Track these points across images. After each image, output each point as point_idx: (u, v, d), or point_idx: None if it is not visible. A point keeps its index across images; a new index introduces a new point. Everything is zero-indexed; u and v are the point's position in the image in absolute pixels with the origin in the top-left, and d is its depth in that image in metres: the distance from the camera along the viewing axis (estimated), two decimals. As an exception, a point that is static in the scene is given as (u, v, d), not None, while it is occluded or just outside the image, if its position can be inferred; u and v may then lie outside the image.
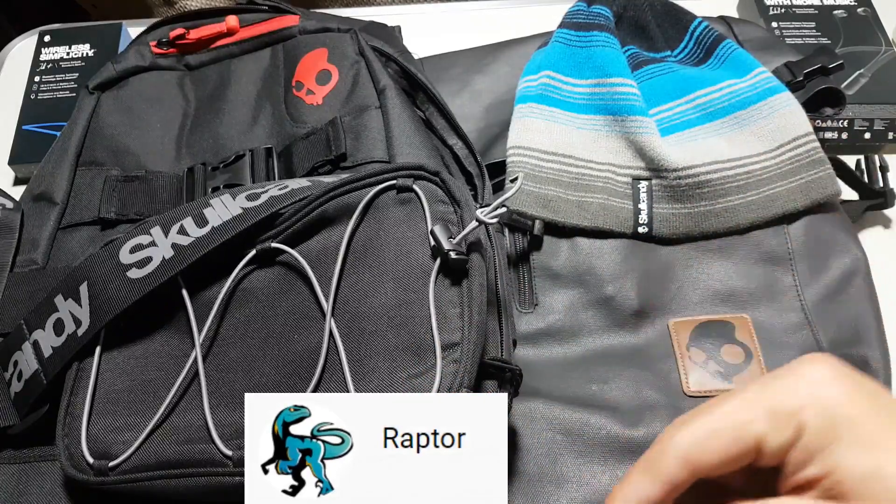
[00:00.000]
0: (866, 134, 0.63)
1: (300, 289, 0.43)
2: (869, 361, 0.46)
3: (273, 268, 0.44)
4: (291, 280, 0.43)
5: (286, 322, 0.42)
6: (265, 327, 0.43)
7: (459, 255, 0.38)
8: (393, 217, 0.42)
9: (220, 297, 0.43)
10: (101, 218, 0.53)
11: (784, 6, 0.70)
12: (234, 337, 0.43)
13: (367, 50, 0.57)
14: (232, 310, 0.44)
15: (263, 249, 0.44)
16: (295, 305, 0.42)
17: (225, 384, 0.42)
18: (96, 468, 0.40)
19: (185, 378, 0.42)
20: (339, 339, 0.39)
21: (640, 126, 0.53)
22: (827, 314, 0.49)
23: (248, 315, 0.43)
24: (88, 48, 0.72)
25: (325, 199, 0.43)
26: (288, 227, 0.44)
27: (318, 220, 0.43)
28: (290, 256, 0.43)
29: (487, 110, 0.61)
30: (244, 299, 0.44)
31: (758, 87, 0.54)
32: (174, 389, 0.42)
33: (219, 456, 0.39)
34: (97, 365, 0.43)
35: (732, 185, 0.51)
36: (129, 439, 0.41)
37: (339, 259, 0.41)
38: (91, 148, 0.58)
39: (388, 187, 0.42)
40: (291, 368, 0.40)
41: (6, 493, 0.43)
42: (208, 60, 0.62)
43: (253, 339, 0.42)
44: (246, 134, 0.57)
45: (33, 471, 0.44)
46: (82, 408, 0.42)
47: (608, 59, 0.56)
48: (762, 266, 0.51)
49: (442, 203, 0.41)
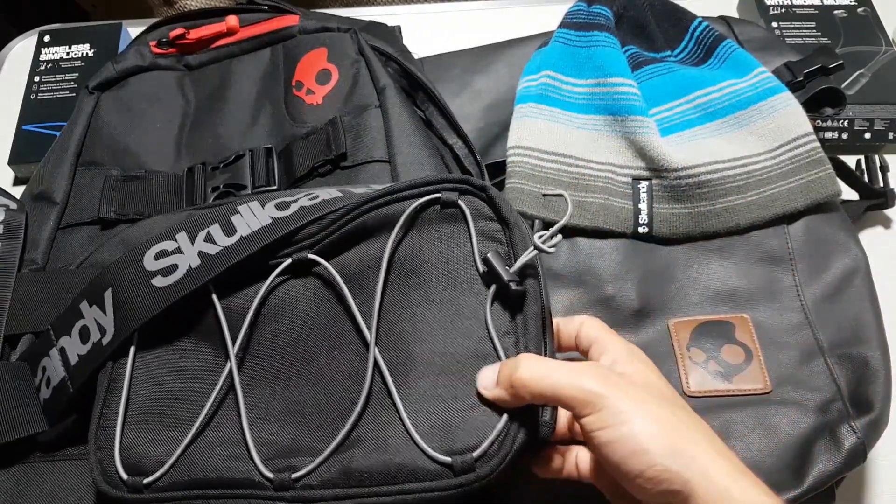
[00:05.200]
0: (866, 134, 0.63)
1: (335, 304, 0.41)
2: (869, 361, 0.46)
3: (307, 279, 0.42)
4: (327, 293, 0.41)
5: (322, 337, 0.40)
6: (300, 342, 0.41)
7: (519, 287, 0.36)
8: (437, 234, 0.40)
9: (253, 308, 0.41)
10: (101, 218, 0.53)
11: (784, 6, 0.70)
12: (266, 350, 0.41)
13: (366, 49, 0.57)
14: (264, 321, 0.42)
15: (298, 260, 0.41)
16: (331, 320, 0.40)
17: (260, 400, 0.40)
18: (130, 485, 0.38)
19: (220, 391, 0.40)
20: (384, 365, 0.37)
21: (641, 126, 0.53)
22: (827, 314, 0.49)
23: (282, 328, 0.41)
24: (88, 48, 0.72)
25: (364, 209, 0.41)
26: (324, 236, 0.42)
27: (357, 231, 0.41)
28: (324, 269, 0.41)
29: (487, 110, 0.61)
30: (277, 311, 0.42)
31: (758, 87, 0.54)
32: (209, 402, 0.40)
33: (258, 477, 0.37)
34: (129, 376, 0.41)
35: (733, 185, 0.51)
36: (162, 454, 0.39)
37: (381, 277, 0.39)
38: (91, 148, 0.58)
39: (432, 201, 0.40)
40: (330, 388, 0.39)
41: (5, 494, 0.43)
42: (208, 60, 0.62)
43: (287, 354, 0.41)
44: (246, 134, 0.57)
45: (33, 471, 0.44)
46: (115, 420, 0.40)
47: (608, 58, 0.56)
48: (762, 266, 0.51)
49: (488, 220, 0.39)
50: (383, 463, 0.35)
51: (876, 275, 0.50)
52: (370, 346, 0.38)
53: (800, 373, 0.47)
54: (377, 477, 0.35)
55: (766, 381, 0.47)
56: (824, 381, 0.46)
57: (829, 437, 0.45)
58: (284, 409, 0.39)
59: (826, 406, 0.46)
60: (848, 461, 0.44)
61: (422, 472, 0.35)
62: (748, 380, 0.47)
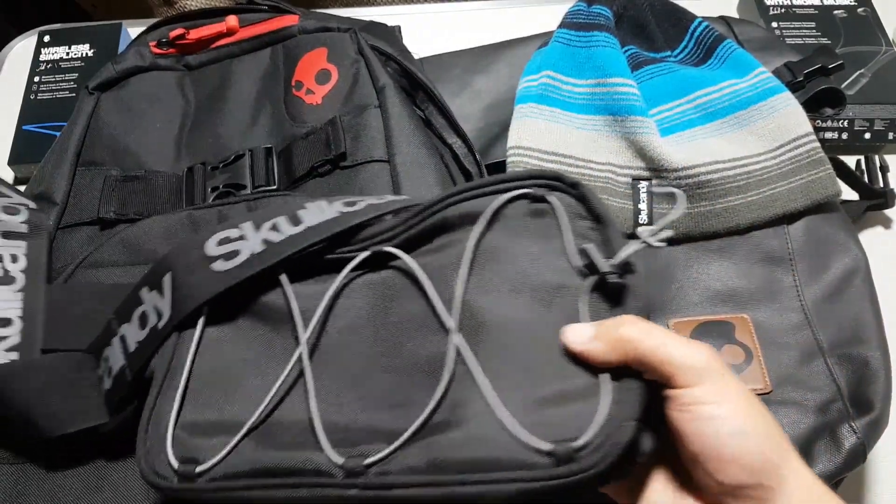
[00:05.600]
0: (866, 134, 0.63)
1: (414, 296, 0.39)
2: (869, 361, 0.46)
3: (385, 271, 0.40)
4: (403, 286, 0.39)
5: (401, 330, 0.38)
6: (376, 333, 0.39)
7: (619, 280, 0.34)
8: (525, 228, 0.38)
9: (326, 298, 0.39)
10: (101, 218, 0.53)
11: (784, 6, 0.70)
12: (339, 342, 0.39)
13: (366, 49, 0.57)
14: (338, 313, 0.40)
15: (376, 253, 0.40)
16: (409, 312, 0.39)
17: (330, 391, 0.38)
18: (181, 473, 0.36)
19: (286, 380, 0.38)
20: (467, 347, 0.35)
21: (641, 126, 0.53)
22: (827, 314, 0.49)
23: (357, 320, 0.39)
24: (88, 48, 0.72)
25: (446, 203, 0.39)
26: (403, 230, 0.40)
27: (437, 227, 0.40)
28: (403, 263, 0.39)
29: (487, 110, 0.61)
30: (352, 304, 0.40)
31: (758, 87, 0.54)
32: (275, 389, 0.37)
33: (326, 464, 0.34)
34: (190, 364, 0.39)
35: (733, 185, 0.51)
36: (217, 443, 0.36)
37: (465, 264, 0.37)
38: (91, 148, 0.58)
39: (520, 196, 0.38)
40: (407, 377, 0.37)
41: (5, 494, 0.43)
42: (208, 60, 0.62)
43: (361, 345, 0.39)
44: (246, 134, 0.57)
45: (32, 471, 0.44)
46: (170, 406, 0.38)
47: (608, 59, 0.56)
48: (762, 266, 0.51)
49: (580, 218, 0.37)
50: (470, 449, 0.32)
51: (876, 275, 0.50)
52: (451, 331, 0.36)
53: (800, 373, 0.47)
54: (463, 464, 0.32)
55: (766, 382, 0.47)
56: (824, 382, 0.46)
57: (829, 437, 0.45)
58: (356, 398, 0.37)
59: (826, 406, 0.46)
60: (848, 461, 0.44)
61: (517, 461, 0.31)
62: (748, 380, 0.47)
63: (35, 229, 0.52)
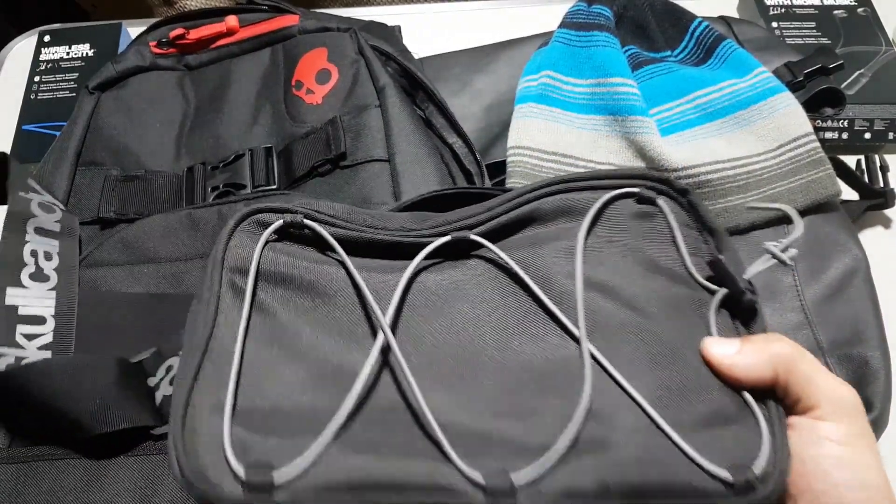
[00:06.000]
0: (866, 134, 0.63)
1: (507, 289, 0.35)
2: (869, 361, 0.46)
3: (468, 262, 0.36)
4: (493, 279, 0.35)
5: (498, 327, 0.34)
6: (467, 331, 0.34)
7: (753, 297, 0.33)
8: (631, 230, 0.36)
9: (403, 281, 0.34)
10: (101, 217, 0.53)
11: (784, 6, 0.70)
12: (418, 338, 0.34)
13: (366, 49, 0.57)
14: (416, 306, 0.35)
15: (458, 238, 0.36)
16: (507, 307, 0.35)
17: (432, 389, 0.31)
18: (252, 484, 0.26)
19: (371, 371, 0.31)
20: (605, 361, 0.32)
21: (641, 126, 0.53)
22: (827, 314, 0.49)
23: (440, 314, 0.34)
24: (88, 48, 0.72)
25: (539, 194, 0.37)
26: (490, 218, 0.37)
27: (527, 217, 0.37)
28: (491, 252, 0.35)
29: (487, 110, 0.61)
30: (432, 296, 0.35)
31: (758, 87, 0.54)
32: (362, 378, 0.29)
33: (459, 481, 0.27)
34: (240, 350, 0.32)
35: (733, 185, 0.51)
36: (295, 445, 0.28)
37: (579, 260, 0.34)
38: (91, 148, 0.58)
39: (628, 194, 0.36)
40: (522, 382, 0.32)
41: (5, 493, 0.43)
42: (208, 60, 0.62)
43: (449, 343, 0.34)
44: (246, 134, 0.57)
45: (31, 471, 0.44)
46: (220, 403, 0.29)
47: (608, 58, 0.56)
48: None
49: (688, 228, 0.36)
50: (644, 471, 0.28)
51: (876, 275, 0.50)
52: (581, 336, 0.32)
53: (800, 373, 0.47)
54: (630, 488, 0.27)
55: (766, 381, 0.47)
56: (824, 381, 0.46)
57: (829, 437, 0.45)
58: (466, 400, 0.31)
59: (826, 406, 0.46)
60: (848, 461, 0.44)
61: (692, 488, 0.28)
62: (748, 380, 0.47)
63: (67, 230, 0.52)
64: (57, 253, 0.50)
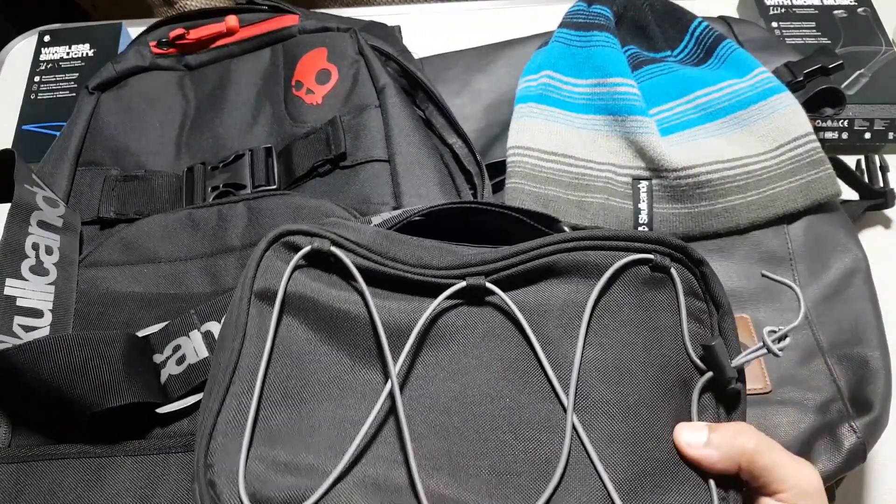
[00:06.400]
0: (866, 134, 0.63)
1: (512, 341, 0.36)
2: (869, 361, 0.46)
3: (481, 308, 0.37)
4: (502, 329, 0.36)
5: (497, 378, 0.35)
6: (469, 377, 0.35)
7: (737, 385, 0.34)
8: (641, 297, 0.36)
9: (418, 327, 0.35)
10: (101, 217, 0.53)
11: (784, 6, 0.70)
12: (428, 379, 0.35)
13: (366, 49, 0.57)
14: (428, 347, 0.36)
15: (473, 285, 0.36)
16: (508, 360, 0.36)
17: (420, 438, 0.34)
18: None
19: (376, 418, 0.33)
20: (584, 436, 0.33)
21: (641, 126, 0.53)
22: (827, 314, 0.49)
23: (450, 357, 0.36)
24: (88, 48, 0.72)
25: (561, 248, 0.37)
26: (506, 266, 0.37)
27: (542, 269, 0.37)
28: (503, 301, 0.36)
29: (487, 110, 0.61)
30: (444, 338, 0.36)
31: (758, 87, 0.54)
32: (364, 429, 0.32)
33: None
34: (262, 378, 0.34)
35: (732, 185, 0.51)
36: (300, 486, 0.31)
37: (583, 330, 0.35)
38: (91, 148, 0.58)
39: (643, 260, 0.36)
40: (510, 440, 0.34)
41: (5, 493, 0.43)
42: (208, 60, 0.62)
43: (451, 388, 0.35)
44: (246, 134, 0.57)
45: (31, 470, 0.44)
46: (239, 432, 0.32)
47: (608, 59, 0.56)
48: (762, 266, 0.51)
49: (695, 298, 0.36)
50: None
51: (876, 275, 0.50)
52: (568, 409, 0.34)
53: (800, 373, 0.47)
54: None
55: (765, 381, 0.47)
56: (824, 381, 0.46)
57: (829, 436, 0.45)
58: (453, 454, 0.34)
59: (826, 406, 0.45)
60: (848, 461, 0.44)
61: None
62: (748, 380, 0.47)
63: (69, 226, 0.52)
64: (58, 248, 0.50)
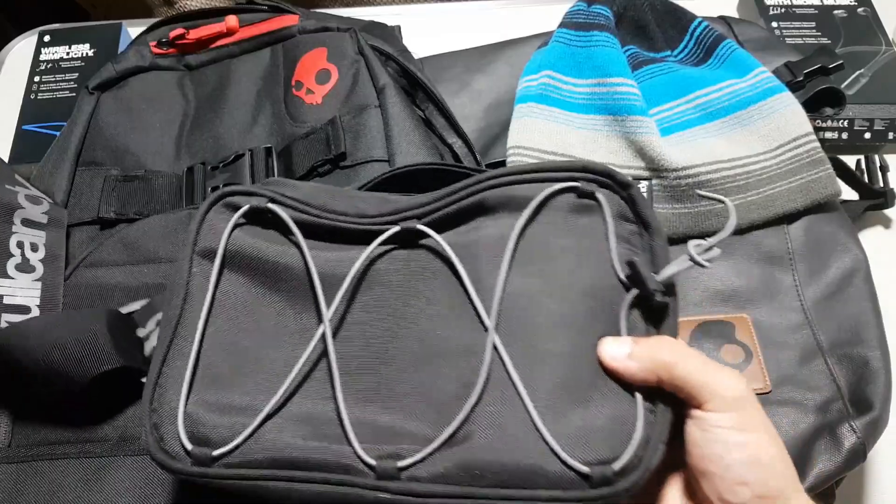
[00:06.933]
0: (866, 134, 0.63)
1: (446, 282, 0.37)
2: (869, 361, 0.46)
3: (414, 251, 0.38)
4: (436, 270, 0.37)
5: (430, 315, 0.37)
6: (404, 316, 0.37)
7: (663, 298, 0.33)
8: (568, 224, 0.36)
9: (353, 273, 0.37)
10: (101, 217, 0.53)
11: (784, 6, 0.70)
12: (364, 321, 0.37)
13: (366, 49, 0.57)
14: (364, 291, 0.38)
15: (407, 229, 0.37)
16: (441, 298, 0.37)
17: (355, 374, 0.36)
18: (196, 456, 0.33)
19: (309, 359, 0.36)
20: (504, 352, 0.34)
21: (641, 126, 0.53)
22: (827, 314, 0.49)
23: (384, 300, 0.37)
24: (88, 48, 0.72)
25: (488, 185, 0.37)
26: (437, 208, 0.38)
27: (473, 208, 0.37)
28: (435, 242, 0.37)
29: (487, 110, 0.61)
30: (379, 281, 0.38)
31: (758, 87, 0.54)
32: (297, 368, 0.35)
33: (356, 462, 0.33)
34: (202, 332, 0.37)
35: (732, 184, 0.51)
36: (236, 425, 0.34)
37: (507, 257, 0.35)
38: (91, 148, 0.58)
39: (568, 188, 0.36)
40: (438, 370, 0.35)
41: (5, 493, 0.43)
42: (208, 60, 0.62)
43: (388, 328, 0.37)
44: (245, 134, 0.57)
45: (31, 470, 0.44)
46: (180, 379, 0.35)
47: (608, 58, 0.56)
48: (762, 266, 0.51)
49: (626, 221, 0.36)
50: (509, 462, 0.31)
51: (876, 275, 0.50)
52: (489, 329, 0.34)
53: (800, 373, 0.47)
54: (499, 477, 0.31)
55: (765, 381, 0.47)
56: (824, 381, 0.46)
57: (829, 436, 0.45)
58: (384, 387, 0.35)
59: (826, 406, 0.46)
60: (848, 461, 0.44)
61: (553, 479, 0.31)
62: (748, 380, 0.47)
63: (54, 222, 0.52)
64: (43, 244, 0.50)
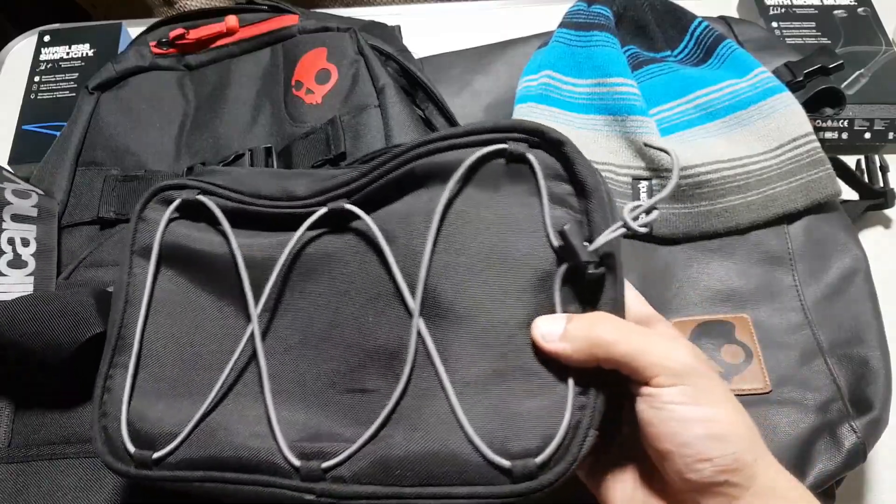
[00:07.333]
0: (866, 134, 0.63)
1: (376, 265, 0.35)
2: (869, 361, 0.46)
3: (344, 234, 0.37)
4: (366, 251, 0.36)
5: (359, 303, 0.35)
6: (333, 306, 0.36)
7: (597, 270, 0.31)
8: (499, 192, 0.34)
9: (280, 263, 0.36)
10: (101, 217, 0.54)
11: (784, 6, 0.70)
12: (295, 313, 0.37)
13: (366, 49, 0.57)
14: (294, 279, 0.37)
15: (334, 210, 0.36)
16: (369, 283, 0.35)
17: (286, 370, 0.36)
18: (137, 459, 0.35)
19: (244, 353, 0.36)
20: (430, 342, 0.33)
21: (641, 126, 0.53)
22: (827, 314, 0.49)
23: (314, 288, 0.37)
24: (88, 48, 0.72)
25: (414, 154, 0.35)
26: (365, 184, 0.36)
27: (402, 181, 0.35)
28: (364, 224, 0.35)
29: (487, 110, 0.61)
30: (309, 268, 0.37)
31: (758, 87, 0.54)
32: (227, 369, 0.36)
33: (283, 462, 0.33)
34: (141, 333, 0.37)
35: (732, 185, 0.51)
36: (175, 426, 0.35)
37: (430, 237, 0.33)
38: (91, 148, 0.58)
39: (496, 152, 0.34)
40: (367, 361, 0.35)
41: (5, 493, 0.43)
42: (208, 60, 0.62)
43: (318, 319, 0.36)
44: (245, 133, 0.57)
45: (31, 471, 0.44)
46: (123, 383, 0.37)
47: (608, 58, 0.56)
48: (762, 266, 0.51)
49: (561, 182, 0.33)
50: (428, 459, 0.31)
51: (876, 275, 0.50)
52: (414, 316, 0.33)
53: (800, 373, 0.47)
54: (420, 474, 0.31)
55: (765, 381, 0.47)
56: (824, 381, 0.46)
57: (829, 436, 0.45)
58: (314, 382, 0.35)
59: (826, 406, 0.46)
60: (848, 461, 0.44)
61: (473, 475, 0.30)
62: (748, 380, 0.47)
63: (45, 213, 0.52)
64: (34, 238, 0.51)
